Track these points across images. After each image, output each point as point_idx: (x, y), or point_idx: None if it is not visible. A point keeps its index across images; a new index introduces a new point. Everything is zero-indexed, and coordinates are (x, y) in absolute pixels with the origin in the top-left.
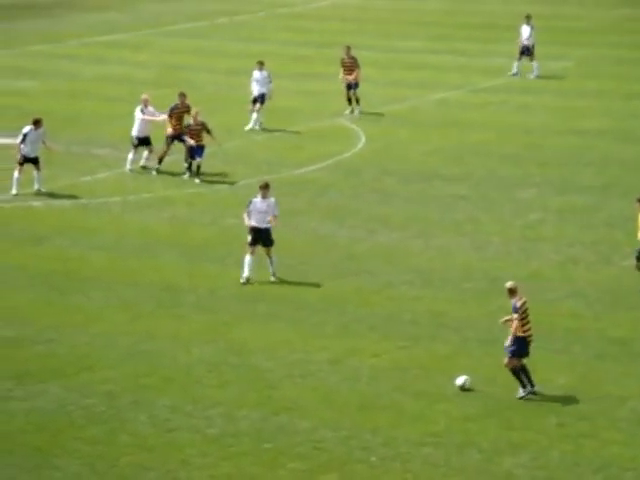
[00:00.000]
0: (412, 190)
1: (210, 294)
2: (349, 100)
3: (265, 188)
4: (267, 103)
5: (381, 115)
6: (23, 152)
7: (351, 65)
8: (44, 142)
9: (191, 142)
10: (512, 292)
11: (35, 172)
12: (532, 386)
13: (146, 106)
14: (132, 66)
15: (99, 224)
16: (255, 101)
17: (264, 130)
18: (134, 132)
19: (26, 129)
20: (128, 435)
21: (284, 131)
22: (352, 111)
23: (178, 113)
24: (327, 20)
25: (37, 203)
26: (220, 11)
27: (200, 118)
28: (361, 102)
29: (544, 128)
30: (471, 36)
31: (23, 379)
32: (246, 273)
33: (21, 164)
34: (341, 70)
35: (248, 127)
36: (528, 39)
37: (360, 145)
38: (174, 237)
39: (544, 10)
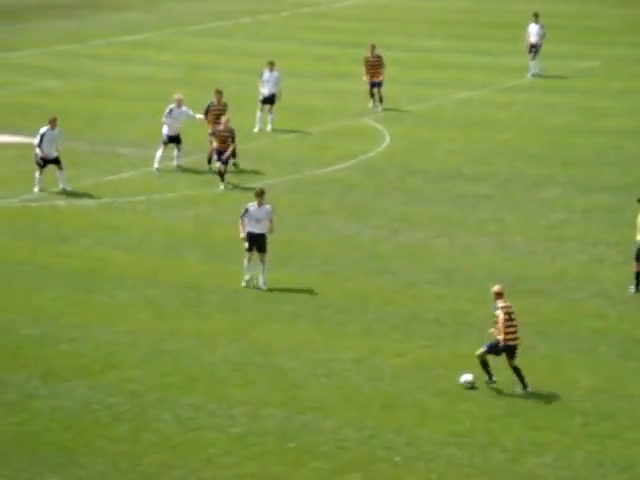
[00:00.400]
0: (436, 189)
1: (234, 293)
2: (372, 95)
3: (260, 195)
4: (277, 104)
5: (405, 114)
6: (42, 154)
7: (376, 64)
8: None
9: (214, 145)
10: (497, 295)
11: (58, 172)
12: (491, 377)
13: (179, 106)
14: (156, 66)
15: (123, 223)
16: (265, 101)
17: (274, 130)
18: (165, 130)
19: (43, 130)
20: (152, 434)
21: (308, 131)
22: (375, 106)
23: (215, 111)
24: (351, 20)
25: (62, 202)
26: (244, 10)
27: (230, 125)
28: (384, 101)
29: (568, 127)
30: (495, 35)
31: (48, 378)
32: (247, 276)
33: (41, 166)
34: (365, 69)
35: (256, 129)
36: (536, 38)
37: (384, 144)
38: (198, 236)
39: (570, 9)
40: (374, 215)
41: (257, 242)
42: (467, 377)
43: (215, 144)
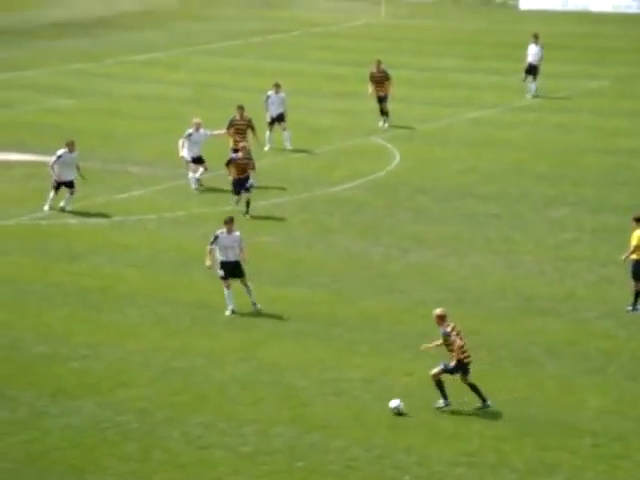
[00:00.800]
0: (446, 209)
1: (244, 312)
2: (382, 112)
3: (229, 223)
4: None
5: (415, 133)
6: (56, 176)
7: (381, 79)
8: (78, 167)
9: (232, 174)
10: (441, 318)
11: (67, 193)
12: (446, 399)
13: (197, 129)
14: (167, 85)
15: (134, 241)
16: (273, 122)
17: (283, 149)
18: (185, 153)
19: (60, 151)
20: (162, 452)
21: (318, 149)
22: (384, 123)
23: (237, 126)
24: (361, 39)
25: (73, 221)
26: (254, 30)
27: (247, 151)
28: (391, 116)
29: (578, 147)
30: (506, 55)
31: (58, 395)
32: (230, 306)
33: (56, 188)
34: (370, 84)
35: (266, 148)
36: (534, 58)
37: (394, 163)
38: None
39: (580, 29)
40: (384, 234)
41: (232, 270)
42: (395, 402)
43: (233, 174)
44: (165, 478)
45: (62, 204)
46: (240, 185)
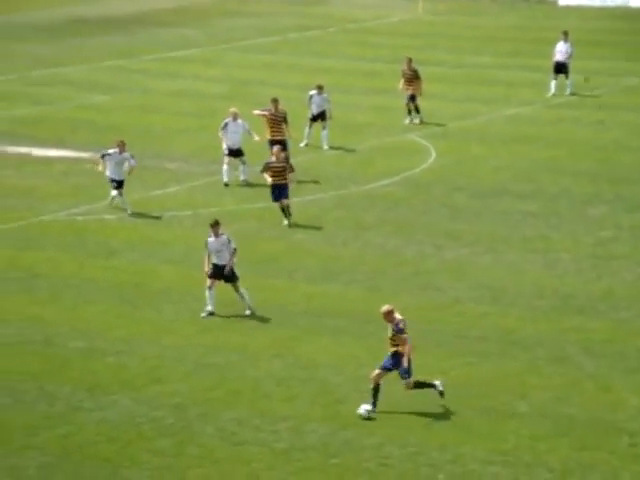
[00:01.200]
0: (482, 206)
1: (278, 308)
2: (409, 110)
3: (215, 226)
4: (329, 122)
5: (452, 131)
6: (108, 175)
7: (411, 77)
8: (130, 166)
9: (269, 180)
10: (389, 314)
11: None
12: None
13: (235, 119)
14: (204, 81)
15: (170, 237)
16: (315, 119)
17: (320, 147)
18: (223, 144)
19: (111, 150)
20: (196, 447)
21: (354, 146)
22: (411, 120)
23: (273, 118)
24: (397, 36)
25: (110, 216)
26: (291, 26)
27: (283, 155)
28: (421, 112)
29: (617, 144)
30: (543, 51)
31: (94, 390)
32: (209, 307)
33: (115, 187)
34: (402, 81)
35: (303, 144)
36: (563, 56)
37: (430, 160)
38: (243, 251)
39: (620, 25)
40: (419, 231)
41: (223, 274)
42: (366, 407)
43: (270, 179)
44: (199, 473)
45: (115, 202)
46: (279, 191)
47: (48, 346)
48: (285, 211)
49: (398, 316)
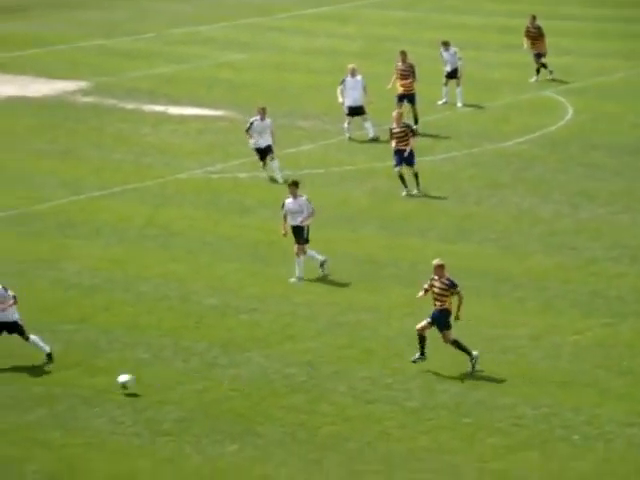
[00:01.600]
0: (620, 164)
1: (410, 267)
2: (538, 69)
3: (293, 186)
4: (461, 79)
5: (589, 87)
6: (252, 144)
7: (535, 35)
8: (272, 133)
9: (393, 145)
10: (441, 268)
11: (270, 161)
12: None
13: (353, 75)
14: (338, 38)
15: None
16: (449, 76)
17: (454, 104)
18: (343, 101)
19: (253, 118)
20: (328, 405)
21: (489, 104)
22: (537, 79)
23: (400, 72)
24: None
25: (243, 175)
26: None
27: (404, 121)
28: (549, 67)
29: None
30: None
31: (228, 347)
32: (298, 273)
33: (261, 159)
34: (525, 39)
35: (441, 102)
36: None
37: (567, 117)
38: (375, 209)
39: None
40: (554, 190)
41: (295, 235)
42: (124, 378)
43: (393, 144)
44: (331, 431)
45: (276, 174)
46: (400, 156)
47: (185, 303)
48: (403, 180)
49: (446, 273)
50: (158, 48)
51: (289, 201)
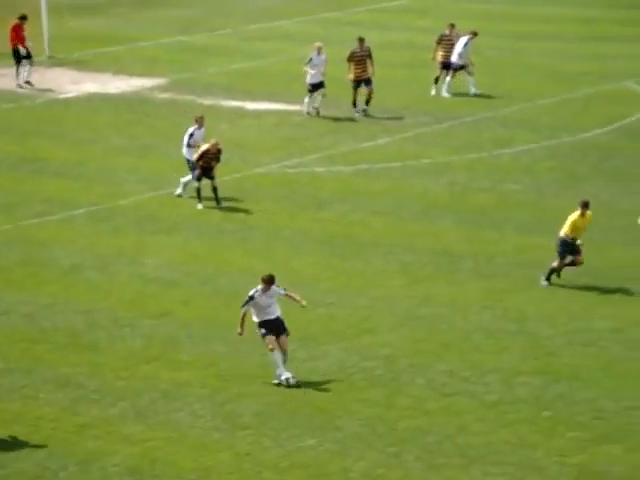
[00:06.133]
0: None
1: (488, 260)
2: None
3: (269, 282)
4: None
5: None
6: (308, 79)
7: None
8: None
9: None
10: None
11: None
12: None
13: (319, 54)
14: (415, 31)
15: (379, 189)
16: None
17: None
18: (308, 78)
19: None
20: (406, 398)
21: (568, 94)
22: None
23: (358, 58)
24: None
25: (320, 169)
26: None
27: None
28: None
29: None
30: None
31: (305, 341)
32: (283, 375)
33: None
34: None
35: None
36: None
37: None
38: (453, 202)
39: None
40: (635, 181)
41: (275, 326)
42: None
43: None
44: (410, 425)
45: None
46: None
47: None
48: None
49: None
50: (235, 44)
51: (257, 294)
